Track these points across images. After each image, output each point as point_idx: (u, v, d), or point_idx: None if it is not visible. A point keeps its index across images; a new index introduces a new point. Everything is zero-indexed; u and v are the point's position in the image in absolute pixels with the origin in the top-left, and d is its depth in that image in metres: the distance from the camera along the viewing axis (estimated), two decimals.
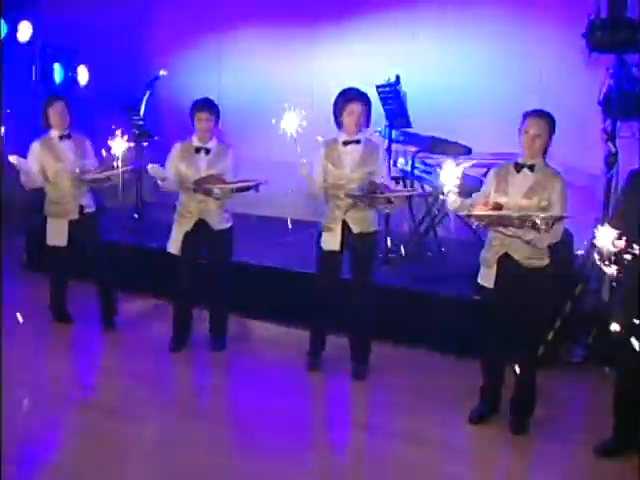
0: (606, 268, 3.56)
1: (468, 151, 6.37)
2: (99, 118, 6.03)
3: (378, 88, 6.45)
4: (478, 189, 4.59)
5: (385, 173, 5.15)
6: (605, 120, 6.16)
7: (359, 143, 5.02)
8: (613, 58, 6.05)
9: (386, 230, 6.47)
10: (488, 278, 4.42)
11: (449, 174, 4.32)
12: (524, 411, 4.48)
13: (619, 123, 6.13)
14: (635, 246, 3.54)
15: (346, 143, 5.02)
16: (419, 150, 6.55)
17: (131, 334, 6.05)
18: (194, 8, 9.29)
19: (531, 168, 4.26)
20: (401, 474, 4.07)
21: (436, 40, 7.66)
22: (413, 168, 6.42)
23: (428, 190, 6.47)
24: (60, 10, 9.67)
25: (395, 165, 6.78)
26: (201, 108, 5.42)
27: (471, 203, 4.38)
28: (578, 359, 5.42)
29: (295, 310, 6.07)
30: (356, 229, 4.99)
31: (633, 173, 4.26)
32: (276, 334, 6.09)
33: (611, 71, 6.06)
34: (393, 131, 6.63)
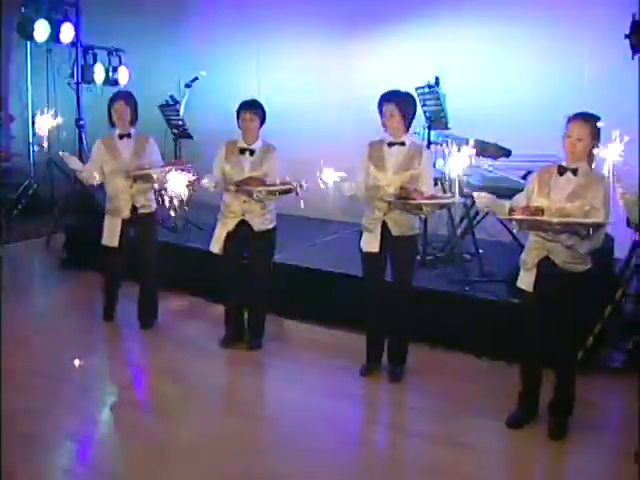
0: None
1: (507, 153, 6.31)
2: (140, 118, 6.07)
3: (417, 89, 6.42)
4: (517, 191, 4.55)
5: (428, 177, 5.08)
6: None
7: (404, 145, 5.00)
8: None
9: (424, 232, 6.45)
10: (527, 281, 4.37)
11: (457, 162, 4.33)
12: (562, 416, 4.42)
13: None
14: None
15: (391, 144, 5.00)
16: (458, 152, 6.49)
17: (169, 332, 6.10)
18: (233, 8, 9.33)
19: (574, 172, 4.21)
20: (436, 477, 4.04)
21: (476, 40, 7.59)
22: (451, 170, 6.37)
23: (466, 192, 6.41)
24: (101, 11, 9.78)
25: (433, 166, 6.73)
26: (246, 108, 5.45)
27: (511, 205, 4.34)
28: (617, 364, 5.33)
29: (333, 311, 6.08)
30: (395, 231, 4.97)
31: None
32: (313, 334, 6.08)
33: None
34: (432, 132, 6.59)
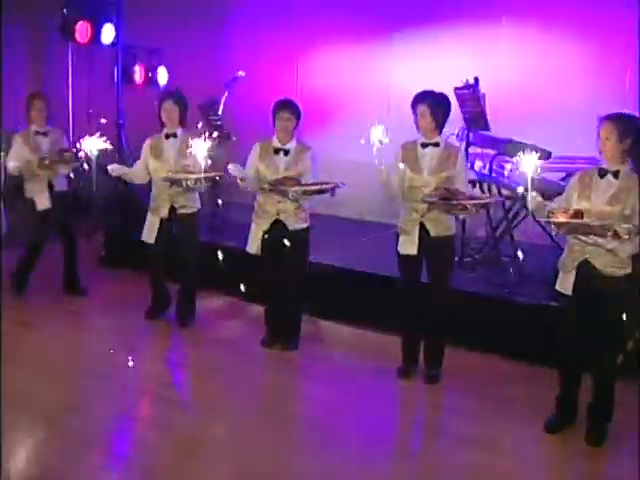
0: None
1: (547, 155, 6.21)
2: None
3: (456, 90, 6.39)
4: (557, 193, 4.51)
5: (464, 178, 5.06)
6: None
7: (438, 146, 4.98)
8: None
9: (462, 234, 6.41)
10: (566, 284, 4.33)
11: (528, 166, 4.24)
12: (601, 422, 4.36)
13: None
14: None
15: (424, 145, 4.99)
16: (496, 153, 6.46)
17: (207, 331, 6.14)
18: (272, 9, 9.37)
19: (615, 174, 4.16)
20: (470, 478, 4.03)
21: (516, 41, 7.55)
22: (490, 171, 6.33)
23: (505, 194, 6.37)
24: (141, 12, 9.87)
25: (472, 168, 6.69)
26: (282, 108, 5.47)
27: (552, 208, 4.30)
28: None
29: (370, 312, 6.08)
30: (433, 232, 4.95)
31: None
32: (349, 335, 6.09)
33: None
34: (470, 133, 6.55)
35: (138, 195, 8.11)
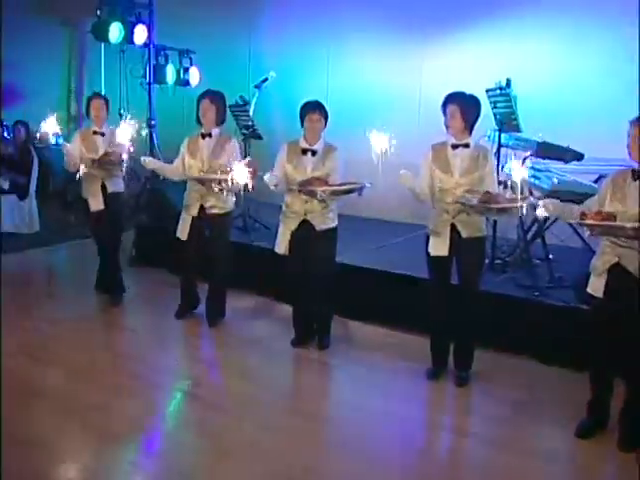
0: None
1: (580, 156, 6.17)
2: None
3: (488, 92, 6.35)
4: (589, 195, 4.46)
5: (494, 180, 5.02)
6: None
7: (468, 147, 4.95)
8: None
9: (493, 236, 6.37)
10: (597, 288, 4.27)
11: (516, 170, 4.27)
12: (633, 427, 4.29)
13: None
14: None
15: (454, 147, 4.96)
16: (528, 155, 6.40)
17: (237, 331, 6.15)
18: (304, 9, 9.38)
19: None
20: None
21: (549, 42, 7.49)
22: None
23: (537, 196, 6.31)
24: (173, 13, 9.94)
25: (503, 170, 6.65)
26: (312, 109, 5.47)
27: (581, 210, 4.26)
28: None
29: (399, 313, 6.06)
30: (465, 233, 4.92)
31: None
32: (378, 336, 6.06)
33: None
34: (502, 135, 6.51)
35: (167, 194, 8.18)
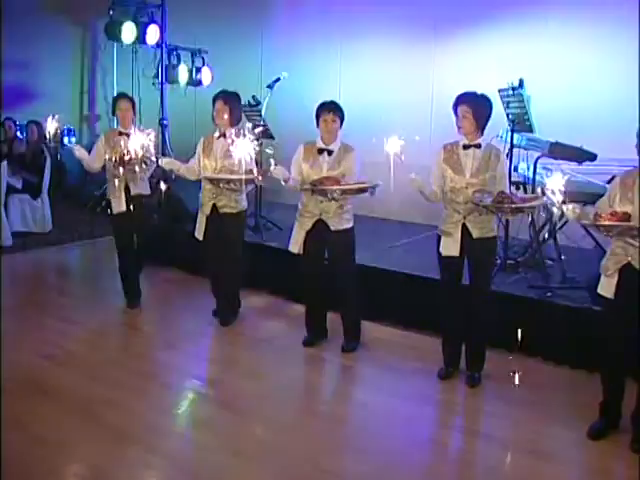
0: None
1: (593, 157, 6.15)
2: None
3: (500, 92, 6.34)
4: (601, 196, 4.44)
5: (505, 180, 5.03)
6: None
7: (479, 147, 4.94)
8: None
9: (505, 236, 6.36)
10: (608, 288, 4.26)
11: (556, 186, 4.20)
12: None
13: None
14: None
15: (466, 147, 4.95)
16: (541, 155, 6.39)
17: (249, 330, 6.16)
18: (316, 10, 9.39)
19: None
20: None
21: (561, 42, 7.47)
22: (534, 173, 6.26)
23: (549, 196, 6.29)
24: (185, 13, 9.98)
25: (516, 170, 6.63)
26: (326, 110, 5.47)
27: (594, 211, 4.24)
28: None
29: (412, 313, 6.08)
30: (476, 234, 4.91)
31: None
32: (392, 336, 6.06)
33: None
34: (515, 135, 6.49)
35: (179, 194, 8.21)
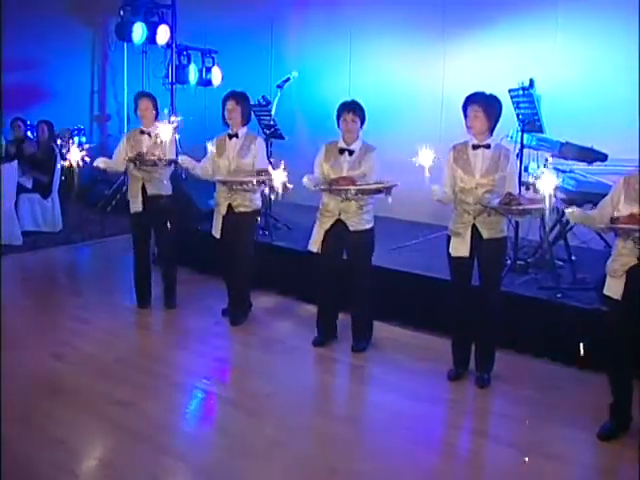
0: None
1: (603, 157, 6.13)
2: None
3: (511, 92, 6.32)
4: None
5: (515, 181, 5.03)
6: None
7: (489, 148, 4.93)
8: None
9: (515, 237, 6.35)
10: (615, 290, 4.25)
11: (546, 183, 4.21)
12: None
13: None
14: None
15: (475, 147, 4.94)
16: (551, 155, 6.37)
17: (259, 330, 6.16)
18: (326, 9, 9.38)
19: None
20: None
21: (572, 42, 7.45)
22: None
23: (559, 197, 6.27)
24: (195, 13, 10.00)
25: (526, 170, 6.61)
26: (346, 110, 5.46)
27: (598, 212, 4.25)
28: None
29: (422, 313, 6.07)
30: (486, 234, 4.90)
31: None
32: (401, 337, 6.05)
33: None
34: (525, 135, 6.48)
35: (191, 194, 8.22)
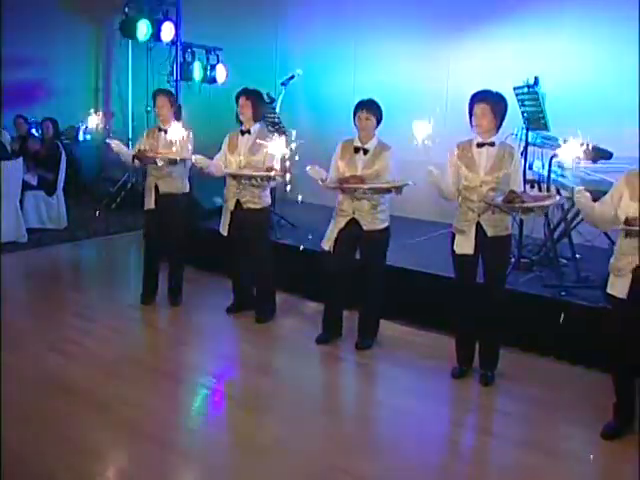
0: None
1: (609, 155, 6.12)
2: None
3: (515, 90, 6.32)
4: None
5: (519, 178, 5.03)
6: None
7: (493, 146, 4.94)
8: None
9: (519, 235, 6.35)
10: (620, 288, 4.24)
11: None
12: None
13: None
14: None
15: (480, 145, 4.95)
16: (556, 153, 6.36)
17: (264, 328, 6.16)
18: (331, 7, 9.38)
19: None
20: None
21: (577, 40, 7.44)
22: (550, 172, 6.25)
23: (564, 194, 6.28)
24: (200, 10, 9.99)
25: (531, 168, 6.62)
26: (360, 108, 5.46)
27: (600, 208, 4.27)
28: None
29: (427, 311, 6.08)
30: (490, 232, 4.90)
31: None
32: (406, 334, 6.05)
33: None
34: (530, 133, 6.48)
35: (195, 192, 8.22)
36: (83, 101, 11.77)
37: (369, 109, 5.44)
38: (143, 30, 9.72)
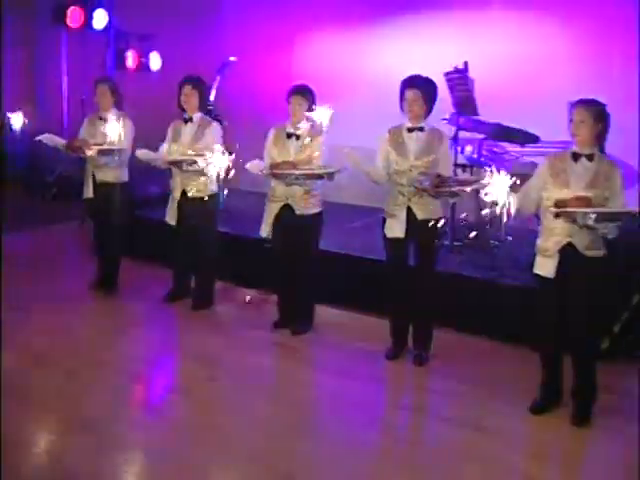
0: None
1: (535, 139, 6.27)
2: (172, 104, 6.13)
3: (446, 75, 6.41)
4: None
5: (448, 163, 5.13)
6: None
7: (423, 130, 5.01)
8: None
9: (452, 217, 6.45)
10: (547, 268, 4.35)
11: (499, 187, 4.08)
12: (584, 401, 4.42)
13: None
14: None
15: (410, 130, 5.02)
16: (485, 137, 6.49)
17: (199, 315, 6.17)
18: None
19: (589, 158, 4.21)
20: (458, 460, 4.07)
21: (505, 25, 7.56)
22: (480, 156, 6.37)
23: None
24: None
25: (462, 152, 6.73)
26: (292, 93, 5.48)
27: (533, 195, 4.36)
28: None
29: (360, 295, 6.14)
30: (421, 215, 4.98)
31: None
32: (340, 318, 6.12)
33: None
34: (460, 118, 6.58)
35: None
36: (15, 92, 11.51)
37: (300, 94, 5.46)
38: (74, 17, 9.54)
